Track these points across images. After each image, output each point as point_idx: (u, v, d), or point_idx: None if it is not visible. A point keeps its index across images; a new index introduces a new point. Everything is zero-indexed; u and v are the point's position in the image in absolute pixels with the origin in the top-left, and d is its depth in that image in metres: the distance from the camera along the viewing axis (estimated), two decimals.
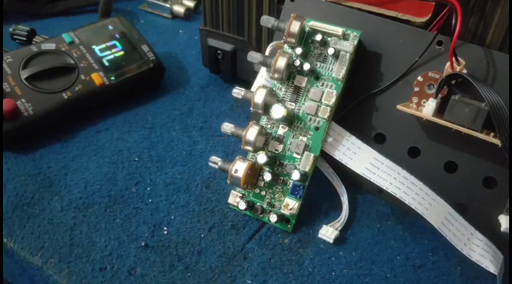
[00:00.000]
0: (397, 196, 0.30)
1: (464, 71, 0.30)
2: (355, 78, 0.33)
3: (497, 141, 0.28)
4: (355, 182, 0.35)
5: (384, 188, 0.31)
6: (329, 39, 0.32)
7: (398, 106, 0.31)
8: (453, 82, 0.30)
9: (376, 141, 0.34)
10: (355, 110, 0.34)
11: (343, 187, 0.34)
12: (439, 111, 0.30)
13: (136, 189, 0.35)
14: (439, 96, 0.30)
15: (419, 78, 0.31)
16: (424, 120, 0.30)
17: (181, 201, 0.35)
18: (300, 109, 0.32)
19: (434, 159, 0.32)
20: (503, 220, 0.30)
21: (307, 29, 0.32)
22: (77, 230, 0.32)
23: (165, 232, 0.32)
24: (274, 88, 0.33)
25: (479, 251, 0.30)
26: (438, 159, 0.32)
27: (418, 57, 0.31)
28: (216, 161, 0.32)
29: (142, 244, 0.31)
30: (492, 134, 0.28)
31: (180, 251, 0.31)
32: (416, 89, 0.31)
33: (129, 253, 0.31)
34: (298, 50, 0.32)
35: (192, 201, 0.35)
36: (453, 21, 0.29)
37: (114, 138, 0.40)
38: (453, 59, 0.29)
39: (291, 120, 0.32)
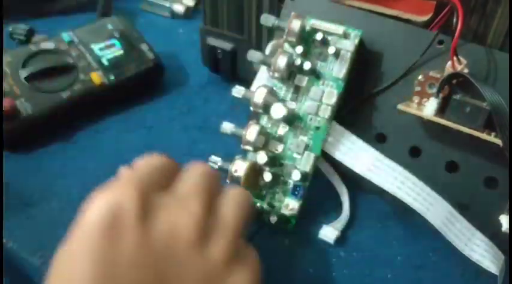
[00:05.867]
0: (398, 196, 0.30)
1: (466, 70, 0.30)
2: (356, 77, 0.33)
3: (498, 141, 0.28)
4: (356, 182, 0.35)
5: (385, 188, 0.31)
6: (329, 38, 0.32)
7: (399, 106, 0.31)
8: (454, 81, 0.30)
9: (377, 140, 0.33)
10: (356, 110, 0.33)
11: (344, 187, 0.34)
12: (440, 110, 0.30)
13: None
14: (440, 95, 0.30)
15: (420, 77, 0.31)
16: (425, 119, 0.30)
17: None
18: (300, 109, 0.32)
19: (435, 159, 0.32)
20: (504, 220, 0.30)
21: (307, 28, 0.32)
22: None
23: None
24: (274, 88, 0.33)
25: (480, 251, 0.30)
26: (439, 158, 0.32)
27: (419, 56, 0.31)
28: (215, 161, 0.32)
29: None
30: (493, 134, 0.28)
31: None
32: (418, 89, 0.31)
33: None
34: (299, 49, 0.31)
35: None
36: (454, 20, 0.29)
37: (114, 138, 0.40)
38: (454, 58, 0.29)
39: (291, 119, 0.32)
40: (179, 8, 0.57)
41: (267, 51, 0.34)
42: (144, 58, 0.44)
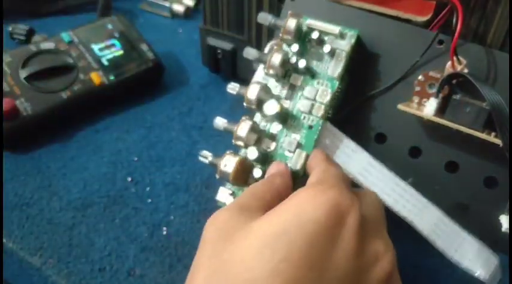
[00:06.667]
0: (387, 203, 0.30)
1: (465, 70, 0.30)
2: (356, 77, 0.33)
3: (498, 141, 0.28)
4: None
5: None
6: (326, 38, 0.32)
7: (399, 106, 0.31)
8: (454, 81, 0.30)
9: (377, 141, 0.33)
10: (356, 110, 0.33)
11: None
12: (440, 110, 0.30)
13: (135, 189, 0.35)
14: (440, 95, 0.30)
15: (420, 77, 0.31)
16: (425, 119, 0.30)
17: (181, 201, 0.35)
18: (294, 107, 0.32)
19: (435, 159, 0.32)
20: (504, 220, 0.30)
21: (304, 27, 0.32)
22: (76, 230, 0.32)
23: (165, 233, 0.32)
24: (268, 85, 0.32)
25: (470, 257, 0.29)
26: (439, 159, 0.32)
27: (419, 56, 0.31)
28: (206, 155, 0.31)
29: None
30: (493, 134, 0.28)
31: (179, 251, 0.31)
32: (417, 89, 0.31)
33: (128, 254, 0.31)
34: (295, 47, 0.31)
35: (192, 201, 0.35)
36: (454, 20, 0.28)
37: (113, 138, 0.40)
38: (454, 58, 0.29)
39: (285, 117, 0.32)
40: (179, 8, 0.57)
41: (266, 50, 0.34)
42: (144, 58, 0.44)
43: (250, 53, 0.32)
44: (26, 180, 0.36)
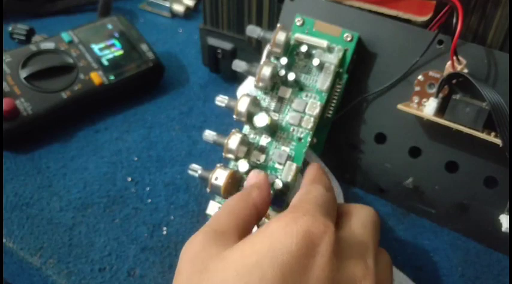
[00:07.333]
0: None
1: (465, 71, 0.30)
2: (356, 77, 0.33)
3: (498, 141, 0.28)
4: (355, 181, 0.35)
5: None
6: (313, 51, 0.32)
7: (399, 106, 0.31)
8: (454, 81, 0.30)
9: (377, 141, 0.33)
10: (356, 110, 0.33)
11: (339, 187, 0.34)
12: (440, 110, 0.30)
13: (135, 189, 0.35)
14: (440, 95, 0.30)
15: (420, 77, 0.31)
16: (425, 119, 0.30)
17: (181, 201, 0.35)
18: (283, 120, 0.31)
19: (435, 159, 0.32)
20: (504, 220, 0.30)
21: (292, 41, 0.32)
22: (76, 230, 0.32)
23: (165, 233, 0.32)
24: (258, 98, 0.32)
25: None
26: (439, 158, 0.32)
27: (419, 56, 0.31)
28: (195, 169, 0.31)
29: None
30: (493, 134, 0.28)
31: (179, 251, 0.31)
32: (417, 89, 0.31)
33: (128, 254, 0.31)
34: (283, 60, 0.31)
35: (192, 201, 0.35)
36: (454, 20, 0.28)
37: (113, 138, 0.40)
38: (454, 58, 0.29)
39: (274, 129, 0.31)
40: (179, 8, 0.57)
41: (264, 54, 0.34)
42: (144, 58, 0.44)
43: (238, 65, 0.32)
44: (26, 180, 0.36)
